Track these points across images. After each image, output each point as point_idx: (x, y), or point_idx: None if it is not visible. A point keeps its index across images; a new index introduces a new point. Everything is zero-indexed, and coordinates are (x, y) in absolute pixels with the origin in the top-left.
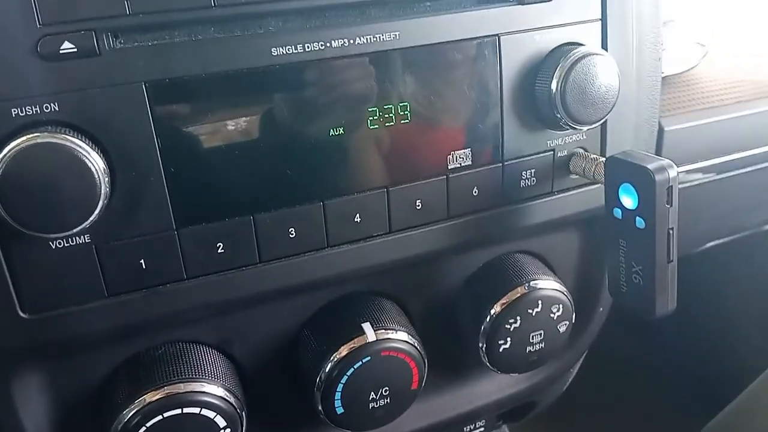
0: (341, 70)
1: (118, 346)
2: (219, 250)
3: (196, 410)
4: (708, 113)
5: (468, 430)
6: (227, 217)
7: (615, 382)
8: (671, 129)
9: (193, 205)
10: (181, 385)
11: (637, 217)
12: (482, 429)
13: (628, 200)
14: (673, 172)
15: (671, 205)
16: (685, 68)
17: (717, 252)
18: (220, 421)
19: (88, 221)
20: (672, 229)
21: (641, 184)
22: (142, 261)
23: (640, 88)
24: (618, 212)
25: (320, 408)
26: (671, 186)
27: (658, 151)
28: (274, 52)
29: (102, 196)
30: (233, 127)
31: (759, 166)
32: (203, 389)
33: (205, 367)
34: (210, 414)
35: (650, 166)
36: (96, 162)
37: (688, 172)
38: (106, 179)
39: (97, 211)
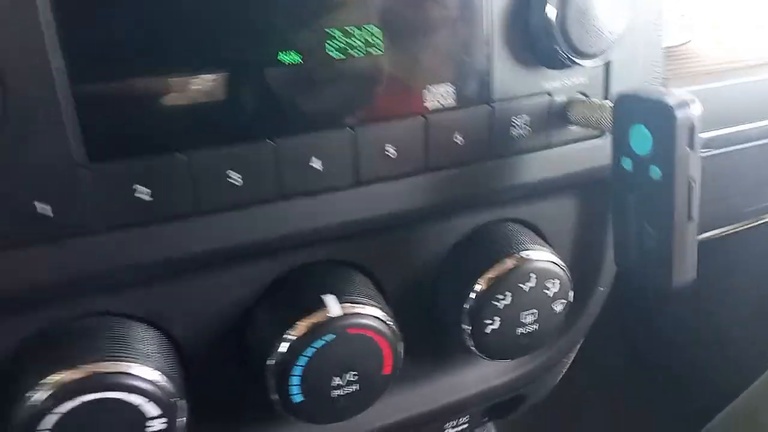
0: None
1: (22, 315)
2: (143, 197)
3: (121, 395)
4: (715, 77)
5: (450, 427)
6: (150, 153)
7: (609, 382)
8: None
9: (106, 134)
10: (106, 364)
11: (652, 166)
12: (465, 426)
13: (641, 146)
14: (696, 109)
15: (693, 149)
16: (680, 42)
17: (715, 247)
18: (152, 409)
19: None
20: (694, 179)
21: (657, 123)
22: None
23: (645, 29)
24: (628, 162)
25: (276, 396)
26: (694, 125)
27: None
28: None
29: None
30: None
31: (763, 141)
32: (130, 371)
33: (133, 343)
34: (138, 400)
35: (669, 101)
36: None
37: None
38: None
39: None
